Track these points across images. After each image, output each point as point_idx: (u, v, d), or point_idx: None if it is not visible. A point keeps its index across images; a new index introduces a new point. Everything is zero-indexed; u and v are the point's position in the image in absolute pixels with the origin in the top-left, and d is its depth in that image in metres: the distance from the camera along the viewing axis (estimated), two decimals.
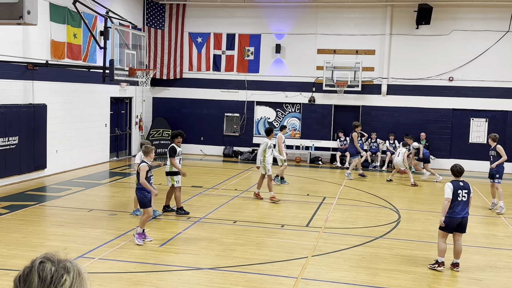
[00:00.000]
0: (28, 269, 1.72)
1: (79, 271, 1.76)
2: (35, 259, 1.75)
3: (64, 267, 1.73)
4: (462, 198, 8.25)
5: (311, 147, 21.24)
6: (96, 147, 18.38)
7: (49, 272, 1.69)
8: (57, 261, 1.74)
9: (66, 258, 1.77)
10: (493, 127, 19.97)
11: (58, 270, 1.70)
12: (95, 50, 17.45)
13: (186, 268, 8.13)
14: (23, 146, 14.44)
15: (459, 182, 8.36)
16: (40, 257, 1.75)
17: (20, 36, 14.32)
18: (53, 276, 1.69)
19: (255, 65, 21.65)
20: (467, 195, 8.30)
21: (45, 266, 1.70)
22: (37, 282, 1.68)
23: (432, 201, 14.18)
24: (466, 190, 8.30)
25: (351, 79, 20.24)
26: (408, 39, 20.31)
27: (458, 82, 20.04)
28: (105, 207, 12.19)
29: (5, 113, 13.73)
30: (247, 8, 21.43)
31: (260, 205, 13.12)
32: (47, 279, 1.68)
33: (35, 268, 1.70)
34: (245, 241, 9.64)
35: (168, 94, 22.52)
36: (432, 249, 9.52)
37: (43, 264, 1.71)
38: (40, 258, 1.74)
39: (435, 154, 19.97)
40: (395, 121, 20.62)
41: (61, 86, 16.18)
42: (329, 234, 10.37)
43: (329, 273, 8.08)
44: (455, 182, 8.37)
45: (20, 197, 12.78)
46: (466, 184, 8.38)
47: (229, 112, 22.09)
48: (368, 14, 20.63)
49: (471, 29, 19.75)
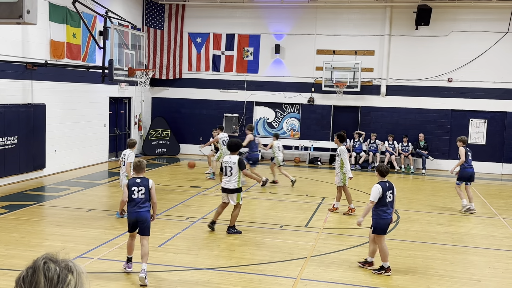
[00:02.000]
0: (31, 270, 1.71)
1: (80, 271, 1.77)
2: (36, 259, 1.74)
3: (67, 267, 1.73)
4: (389, 198, 8.22)
5: (310, 147, 21.24)
6: (95, 147, 18.37)
7: (55, 272, 1.69)
8: (59, 260, 1.74)
9: (65, 258, 1.77)
10: (492, 128, 20.00)
11: (63, 270, 1.70)
12: (94, 50, 17.44)
13: (185, 268, 8.13)
14: (22, 146, 14.43)
15: (385, 182, 8.26)
16: (42, 257, 1.74)
17: (19, 35, 14.31)
18: (59, 276, 1.68)
19: (255, 65, 21.65)
20: (392, 195, 8.26)
21: (50, 267, 1.70)
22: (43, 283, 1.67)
23: (431, 201, 14.19)
24: (391, 190, 8.25)
25: (350, 80, 20.24)
26: (408, 40, 20.32)
27: (457, 83, 20.06)
28: (104, 207, 12.19)
29: (4, 113, 13.72)
30: (246, 8, 21.44)
31: (259, 205, 13.11)
32: (54, 279, 1.68)
33: (40, 269, 1.70)
34: (244, 242, 9.64)
35: (167, 94, 22.52)
36: (431, 250, 9.53)
37: (47, 265, 1.70)
38: (43, 259, 1.73)
39: (434, 155, 19.98)
40: (394, 121, 20.63)
41: (60, 86, 16.17)
42: (328, 235, 10.37)
43: (328, 273, 8.08)
44: (382, 183, 8.23)
45: (19, 197, 12.77)
46: (390, 184, 8.33)
47: (228, 113, 22.09)
48: (367, 15, 20.65)
49: (471, 30, 19.77)
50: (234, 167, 9.78)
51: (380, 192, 8.09)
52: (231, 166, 9.80)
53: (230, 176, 9.83)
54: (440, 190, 16.10)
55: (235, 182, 9.85)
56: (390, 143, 20.19)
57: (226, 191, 9.97)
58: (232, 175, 9.81)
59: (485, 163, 19.41)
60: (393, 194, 8.27)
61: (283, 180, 15.77)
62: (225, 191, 9.99)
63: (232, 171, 9.80)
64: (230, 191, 9.91)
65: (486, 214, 12.93)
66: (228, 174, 9.85)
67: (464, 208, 12.84)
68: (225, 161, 9.95)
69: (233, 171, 9.79)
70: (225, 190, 9.97)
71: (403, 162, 19.90)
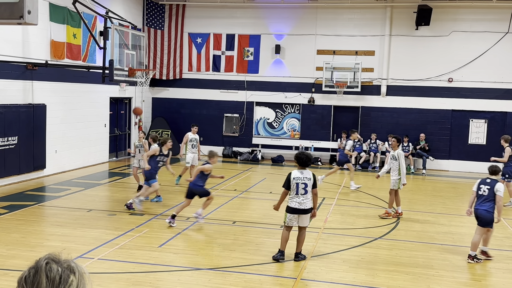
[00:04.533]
0: (33, 270, 1.71)
1: (82, 271, 1.77)
2: (39, 259, 1.74)
3: (69, 268, 1.73)
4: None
5: (310, 148, 21.24)
6: (95, 147, 18.38)
7: (57, 273, 1.69)
8: (61, 261, 1.74)
9: (67, 259, 1.77)
10: (492, 129, 20.00)
11: (65, 271, 1.71)
12: (94, 50, 17.44)
13: (185, 268, 8.13)
14: (22, 146, 14.43)
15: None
16: (44, 257, 1.74)
17: (19, 36, 14.32)
18: (61, 277, 1.69)
19: (255, 65, 21.66)
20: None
21: (52, 267, 1.70)
22: (45, 283, 1.68)
23: (431, 201, 14.19)
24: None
25: (351, 80, 20.25)
26: (408, 40, 20.32)
27: (458, 83, 20.05)
28: (104, 207, 12.19)
29: (5, 113, 13.72)
30: (246, 8, 21.44)
31: (260, 205, 13.12)
32: (56, 280, 1.68)
33: (42, 269, 1.70)
34: (245, 242, 9.64)
35: (167, 94, 22.52)
36: (431, 250, 9.53)
37: (49, 265, 1.71)
38: (45, 259, 1.73)
39: (434, 155, 19.98)
40: (395, 122, 20.63)
41: (60, 86, 16.17)
42: (328, 235, 10.37)
43: (328, 273, 8.08)
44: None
45: (19, 197, 12.77)
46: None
47: (229, 113, 22.10)
48: (367, 15, 20.65)
49: (471, 30, 19.77)
50: (310, 183, 8.50)
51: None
52: (305, 183, 8.47)
53: (305, 195, 8.46)
54: (441, 190, 16.10)
55: (310, 201, 8.56)
56: (390, 144, 20.16)
57: (298, 212, 8.52)
58: (308, 193, 8.48)
59: (485, 163, 19.30)
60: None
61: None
62: (296, 212, 8.53)
63: (306, 189, 8.46)
64: (304, 212, 8.54)
65: None
66: (302, 192, 8.44)
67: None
68: (296, 177, 8.49)
69: (308, 188, 8.48)
70: (298, 211, 8.51)
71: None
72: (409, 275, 8.18)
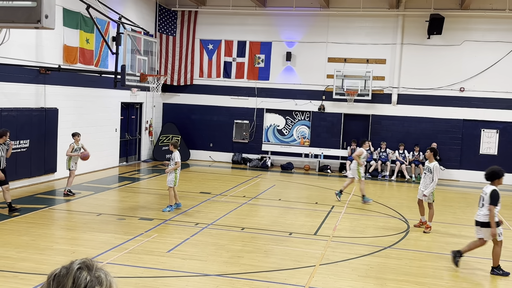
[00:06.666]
0: (65, 270, 1.72)
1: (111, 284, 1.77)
2: (74, 261, 1.75)
3: (98, 278, 1.73)
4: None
5: (320, 155, 21.20)
6: (106, 152, 18.47)
7: (84, 281, 1.69)
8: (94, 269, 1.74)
9: (101, 267, 1.77)
10: (504, 139, 19.84)
11: (93, 280, 1.71)
12: (107, 55, 17.57)
13: (193, 274, 8.12)
14: (34, 149, 14.55)
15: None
16: (79, 261, 1.75)
17: (33, 40, 14.47)
18: (86, 286, 1.69)
19: (266, 72, 21.69)
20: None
21: (82, 274, 1.71)
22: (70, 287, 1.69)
23: (442, 211, 14.08)
24: None
25: (361, 88, 20.22)
26: (420, 49, 20.26)
27: (469, 92, 19.94)
28: (114, 212, 12.23)
29: (17, 117, 13.84)
30: (258, 15, 21.51)
31: (268, 212, 13.10)
32: (81, 287, 1.69)
33: (72, 273, 1.70)
34: (253, 248, 9.62)
35: (178, 100, 22.61)
36: (441, 260, 9.45)
37: (80, 271, 1.71)
38: (79, 264, 1.74)
39: (445, 164, 19.83)
40: (405, 130, 20.54)
41: (72, 91, 16.30)
42: (337, 243, 10.32)
43: (337, 282, 8.04)
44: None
45: (30, 200, 12.85)
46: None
47: (239, 119, 22.13)
48: (379, 23, 20.63)
49: (483, 40, 19.68)
50: (486, 198, 8.64)
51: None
52: (483, 197, 8.75)
53: (481, 208, 8.73)
54: (451, 200, 15.97)
55: (484, 216, 8.60)
56: (401, 152, 20.09)
57: (476, 224, 8.84)
58: (483, 207, 8.63)
59: None
60: None
61: (297, 187, 15.74)
62: (477, 224, 8.85)
63: (483, 202, 8.68)
64: (479, 224, 8.75)
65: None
66: (479, 205, 8.80)
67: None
68: (483, 190, 8.88)
69: (485, 202, 8.62)
70: (476, 223, 8.85)
71: (414, 172, 19.79)
72: (418, 285, 8.11)
